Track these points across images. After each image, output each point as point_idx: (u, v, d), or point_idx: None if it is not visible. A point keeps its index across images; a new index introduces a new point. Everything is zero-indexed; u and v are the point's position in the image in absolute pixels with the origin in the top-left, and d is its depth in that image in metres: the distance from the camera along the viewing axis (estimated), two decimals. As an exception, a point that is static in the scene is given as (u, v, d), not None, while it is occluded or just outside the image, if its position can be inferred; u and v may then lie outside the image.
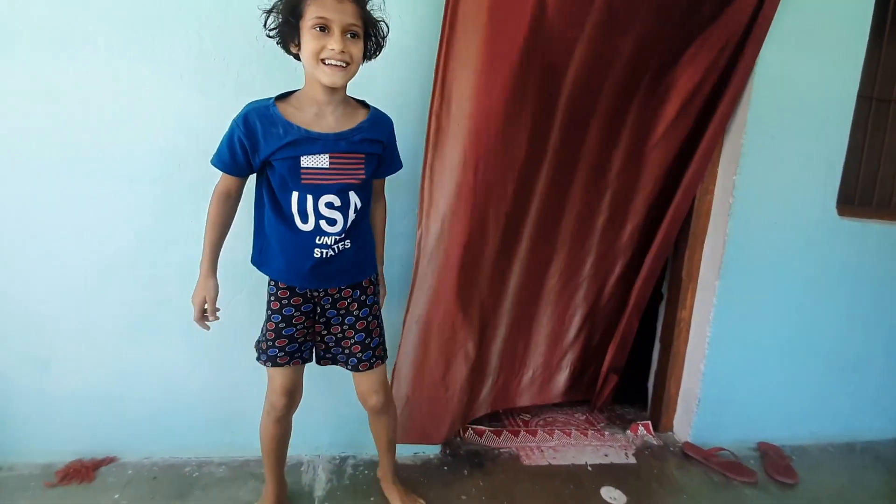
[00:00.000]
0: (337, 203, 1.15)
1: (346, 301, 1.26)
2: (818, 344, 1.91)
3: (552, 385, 1.98)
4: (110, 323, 1.50)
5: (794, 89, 1.69)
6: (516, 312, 1.81)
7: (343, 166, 1.14)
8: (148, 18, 1.36)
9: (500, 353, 1.82)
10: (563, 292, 1.87)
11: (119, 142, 1.41)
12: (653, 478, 1.71)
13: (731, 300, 1.80)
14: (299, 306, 1.23)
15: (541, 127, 1.57)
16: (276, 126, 1.10)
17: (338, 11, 1.04)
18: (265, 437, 1.33)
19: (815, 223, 1.81)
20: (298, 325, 1.24)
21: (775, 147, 1.72)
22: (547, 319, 1.89)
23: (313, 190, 1.13)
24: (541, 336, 1.90)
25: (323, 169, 1.12)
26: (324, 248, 1.17)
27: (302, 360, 1.28)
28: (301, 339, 1.25)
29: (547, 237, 1.77)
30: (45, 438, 1.52)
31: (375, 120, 1.20)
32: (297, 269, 1.18)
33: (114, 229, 1.45)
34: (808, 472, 1.80)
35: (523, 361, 1.91)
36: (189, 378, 1.56)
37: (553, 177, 1.68)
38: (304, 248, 1.16)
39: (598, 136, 1.69)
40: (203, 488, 1.49)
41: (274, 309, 1.23)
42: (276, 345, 1.23)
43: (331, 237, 1.16)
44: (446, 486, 1.59)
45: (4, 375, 1.49)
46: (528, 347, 1.90)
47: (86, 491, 1.44)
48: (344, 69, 1.08)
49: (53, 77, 1.35)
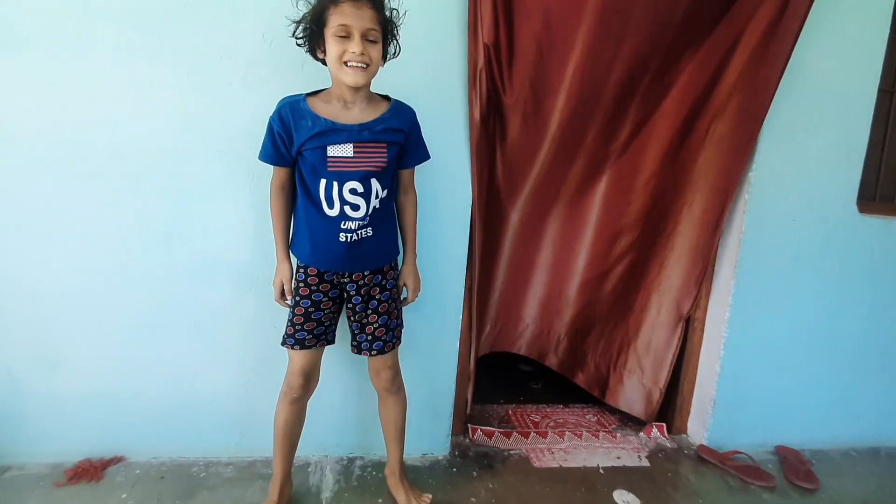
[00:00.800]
0: (360, 189, 1.23)
1: (368, 286, 1.32)
2: (840, 344, 1.86)
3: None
4: (118, 324, 1.50)
5: (813, 83, 1.65)
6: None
7: (366, 154, 1.23)
8: (156, 19, 1.36)
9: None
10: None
11: (128, 141, 1.41)
12: (667, 481, 1.67)
13: (747, 299, 1.75)
14: (327, 292, 1.31)
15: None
16: (306, 118, 1.20)
17: (357, 18, 1.13)
18: (279, 420, 1.37)
19: (835, 220, 1.76)
20: (326, 309, 1.32)
21: (793, 142, 1.68)
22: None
23: (339, 176, 1.21)
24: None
25: (348, 157, 1.21)
26: (348, 233, 1.25)
27: (327, 341, 1.36)
28: (328, 322, 1.34)
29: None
30: (55, 438, 1.53)
31: (397, 110, 1.28)
32: (324, 252, 1.27)
33: (122, 229, 1.45)
34: (830, 477, 1.74)
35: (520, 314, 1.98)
36: (196, 379, 1.56)
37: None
38: (330, 233, 1.25)
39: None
40: (210, 488, 1.48)
41: (303, 295, 1.30)
42: (305, 328, 1.31)
43: (354, 222, 1.25)
44: (455, 487, 1.56)
45: (15, 376, 1.49)
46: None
47: (94, 490, 1.44)
48: (364, 70, 1.17)
49: (64, 78, 1.36)
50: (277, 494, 1.38)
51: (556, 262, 1.93)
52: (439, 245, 1.57)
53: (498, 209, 1.79)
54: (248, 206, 1.45)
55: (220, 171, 1.45)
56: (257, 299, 1.50)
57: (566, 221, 1.89)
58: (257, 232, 1.46)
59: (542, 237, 1.91)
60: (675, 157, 1.73)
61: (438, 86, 1.49)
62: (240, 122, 1.41)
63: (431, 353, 1.64)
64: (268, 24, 1.39)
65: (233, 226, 1.48)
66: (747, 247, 1.71)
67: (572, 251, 1.91)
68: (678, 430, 1.93)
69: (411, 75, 1.43)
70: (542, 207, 1.85)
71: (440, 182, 1.52)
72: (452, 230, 1.58)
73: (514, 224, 1.85)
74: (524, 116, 1.57)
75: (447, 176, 1.54)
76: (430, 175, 1.48)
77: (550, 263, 1.94)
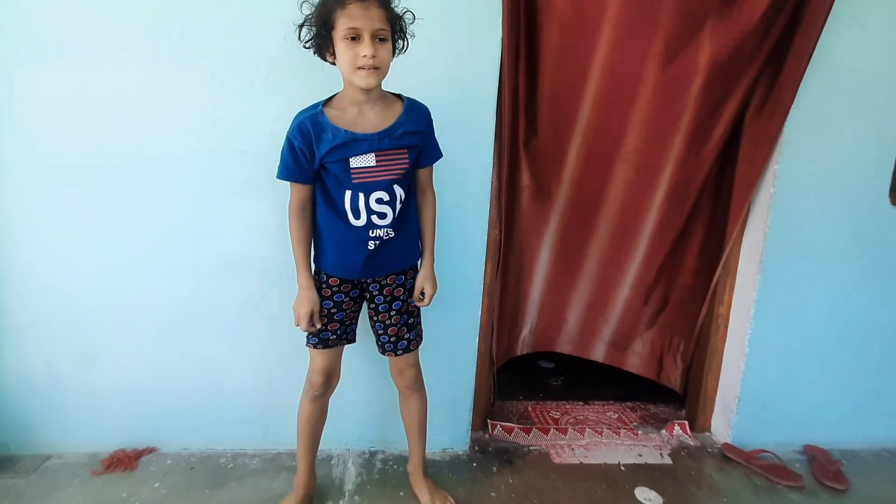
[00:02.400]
0: (386, 198, 1.23)
1: (391, 287, 1.33)
2: (871, 341, 1.80)
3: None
4: (149, 320, 1.56)
5: (842, 71, 1.59)
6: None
7: (388, 161, 1.22)
8: (181, 25, 1.40)
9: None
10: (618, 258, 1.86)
11: (156, 144, 1.46)
12: (690, 479, 1.65)
13: (772, 295, 1.71)
14: (349, 292, 1.32)
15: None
16: (326, 131, 1.18)
17: (366, 19, 1.10)
18: (302, 416, 1.39)
19: (866, 213, 1.70)
20: (348, 309, 1.34)
21: (821, 132, 1.63)
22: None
23: (364, 188, 1.21)
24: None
25: (371, 167, 1.20)
26: (375, 241, 1.25)
27: (348, 340, 1.38)
28: (349, 322, 1.36)
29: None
30: (91, 429, 1.60)
31: (411, 111, 1.25)
32: (351, 261, 1.27)
33: (151, 229, 1.51)
34: (860, 478, 1.69)
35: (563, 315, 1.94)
36: (224, 373, 1.61)
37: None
38: (357, 242, 1.24)
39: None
40: (238, 479, 1.53)
41: (325, 296, 1.31)
42: (328, 328, 1.32)
43: (382, 229, 1.25)
44: (475, 482, 1.58)
45: (55, 370, 1.57)
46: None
47: (128, 479, 1.51)
48: (377, 71, 1.15)
49: (96, 85, 1.41)
50: (303, 489, 1.42)
51: (603, 270, 1.87)
52: (458, 242, 1.57)
53: (535, 213, 1.77)
54: (271, 204, 1.48)
55: (244, 170, 1.49)
56: (281, 296, 1.54)
57: (615, 230, 1.81)
58: (280, 230, 1.49)
59: (588, 243, 1.84)
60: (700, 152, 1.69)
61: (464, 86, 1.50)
62: (263, 122, 1.45)
63: (452, 349, 1.65)
64: (289, 27, 1.39)
65: (256, 224, 1.51)
66: (773, 241, 1.67)
67: (621, 260, 1.86)
68: (702, 427, 1.90)
69: (435, 73, 1.45)
70: (585, 213, 1.78)
71: (458, 182, 1.53)
72: (472, 227, 1.58)
73: (552, 228, 1.80)
74: (550, 112, 1.57)
75: (466, 176, 1.55)
76: (450, 174, 1.48)
77: (596, 270, 1.87)
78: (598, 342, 1.98)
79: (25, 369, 1.55)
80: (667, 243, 1.80)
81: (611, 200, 1.76)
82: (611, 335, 1.96)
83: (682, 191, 1.72)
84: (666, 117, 1.62)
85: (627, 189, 1.74)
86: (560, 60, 1.55)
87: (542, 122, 1.63)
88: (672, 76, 1.56)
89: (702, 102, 1.59)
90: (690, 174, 1.70)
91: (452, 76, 1.48)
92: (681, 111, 1.61)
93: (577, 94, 1.61)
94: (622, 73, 1.56)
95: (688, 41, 1.53)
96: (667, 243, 1.80)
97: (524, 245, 1.80)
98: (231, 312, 1.57)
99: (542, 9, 1.50)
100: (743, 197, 1.68)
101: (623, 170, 1.72)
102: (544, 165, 1.69)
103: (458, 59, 1.48)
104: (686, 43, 1.53)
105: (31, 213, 1.47)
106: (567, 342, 1.99)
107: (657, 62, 1.55)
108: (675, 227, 1.78)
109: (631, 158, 1.70)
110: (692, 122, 1.62)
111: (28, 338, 1.54)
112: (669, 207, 1.74)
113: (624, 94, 1.60)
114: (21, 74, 1.40)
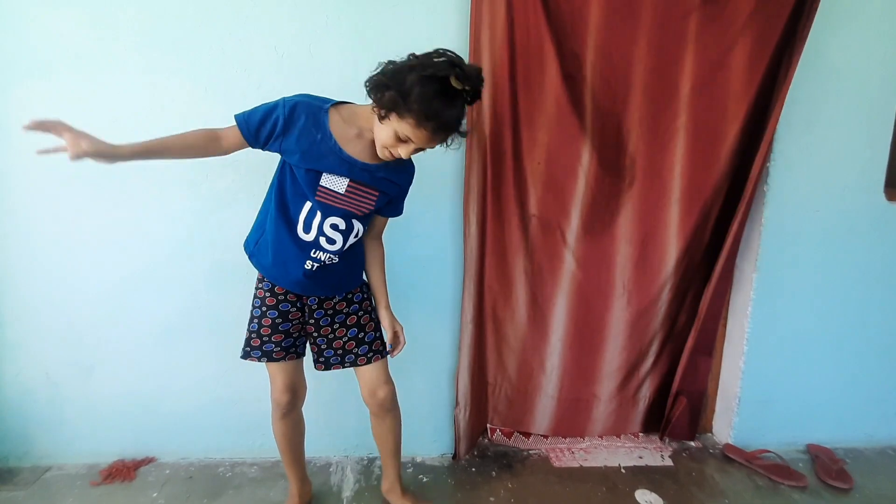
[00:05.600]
0: (342, 226, 1.18)
1: (332, 301, 1.28)
2: (870, 338, 1.79)
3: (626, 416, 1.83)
4: (147, 330, 1.57)
5: (832, 72, 1.60)
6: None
7: (357, 195, 1.17)
8: (175, 37, 1.43)
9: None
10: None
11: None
12: (691, 480, 1.64)
13: (769, 293, 1.70)
14: (295, 302, 1.26)
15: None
16: (318, 130, 1.12)
17: (426, 141, 1.07)
18: (277, 435, 1.36)
19: (861, 209, 1.70)
20: (294, 320, 1.27)
21: (812, 131, 1.63)
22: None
23: (325, 208, 1.16)
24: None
25: (338, 193, 1.15)
26: (316, 262, 1.19)
27: (297, 354, 1.30)
28: (296, 334, 1.28)
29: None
30: (90, 440, 1.60)
31: (402, 163, 1.20)
32: (285, 273, 1.21)
33: (148, 239, 1.52)
34: (864, 476, 1.67)
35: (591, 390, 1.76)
36: (221, 382, 1.61)
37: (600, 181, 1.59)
38: (297, 256, 1.18)
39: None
40: (236, 488, 1.53)
41: (270, 305, 1.25)
42: (272, 340, 1.25)
43: (326, 254, 1.19)
44: (474, 487, 1.57)
45: (53, 380, 1.58)
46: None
47: (127, 489, 1.51)
48: (396, 159, 1.13)
49: (96, 96, 1.44)
50: (298, 497, 1.41)
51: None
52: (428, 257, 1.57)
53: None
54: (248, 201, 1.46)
55: (239, 179, 1.50)
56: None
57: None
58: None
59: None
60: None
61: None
62: (255, 132, 1.46)
63: (453, 353, 1.65)
64: (279, 38, 1.44)
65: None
66: (768, 239, 1.67)
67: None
68: (703, 429, 1.89)
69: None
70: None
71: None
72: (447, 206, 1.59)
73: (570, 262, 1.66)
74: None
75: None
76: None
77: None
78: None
79: (24, 381, 1.56)
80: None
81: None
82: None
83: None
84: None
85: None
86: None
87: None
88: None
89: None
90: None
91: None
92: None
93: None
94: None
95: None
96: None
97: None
98: (227, 321, 1.57)
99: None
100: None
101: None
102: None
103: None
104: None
105: (29, 226, 1.49)
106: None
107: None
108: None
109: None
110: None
111: (27, 349, 1.55)
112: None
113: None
114: (22, 85, 1.42)
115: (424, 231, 1.57)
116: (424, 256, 1.59)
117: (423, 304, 1.61)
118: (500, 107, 1.49)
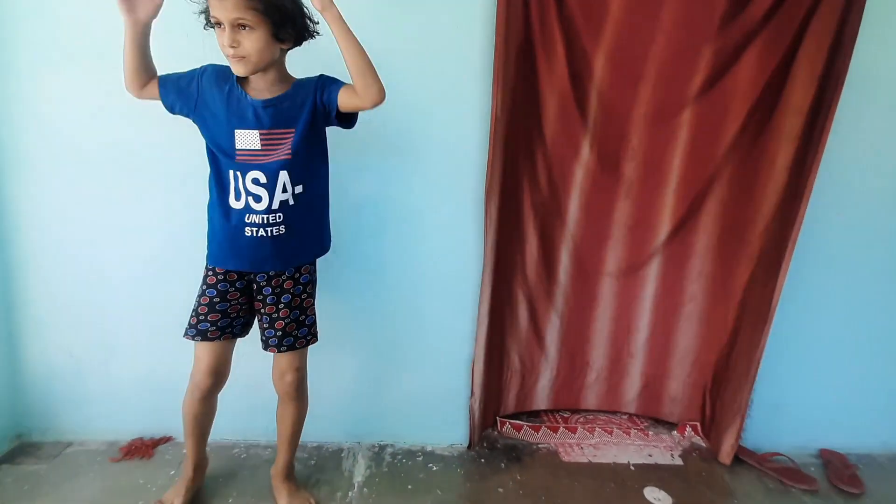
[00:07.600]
0: (263, 180, 1.18)
1: (280, 279, 1.28)
2: (889, 344, 1.76)
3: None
4: (166, 312, 1.58)
5: (880, 77, 1.54)
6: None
7: (273, 144, 1.18)
8: (190, 29, 1.42)
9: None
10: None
11: (172, 142, 1.48)
12: (701, 480, 1.64)
13: (786, 296, 1.67)
14: (234, 282, 1.27)
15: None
16: (226, 82, 1.18)
17: (221, 9, 1.07)
18: (187, 414, 1.33)
19: (884, 215, 1.65)
20: (233, 300, 1.27)
21: (857, 138, 1.58)
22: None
23: (243, 167, 1.17)
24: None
25: (255, 150, 1.17)
26: (253, 227, 1.20)
27: (233, 334, 1.31)
28: (234, 314, 1.29)
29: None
30: (111, 418, 1.65)
31: (300, 83, 1.20)
32: (231, 249, 1.23)
33: (169, 223, 1.54)
34: (877, 482, 1.66)
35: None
36: (236, 365, 1.62)
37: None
38: (236, 227, 1.20)
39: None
40: (251, 468, 1.56)
41: (210, 284, 1.27)
42: (208, 319, 1.26)
43: (259, 216, 1.19)
44: (483, 478, 1.58)
45: (77, 360, 1.62)
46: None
47: (146, 466, 1.55)
48: (242, 60, 1.11)
49: (116, 87, 1.45)
50: (192, 472, 1.40)
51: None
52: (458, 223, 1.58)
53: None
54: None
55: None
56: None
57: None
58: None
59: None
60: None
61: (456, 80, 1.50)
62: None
63: (462, 341, 1.66)
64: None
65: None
66: (799, 245, 1.63)
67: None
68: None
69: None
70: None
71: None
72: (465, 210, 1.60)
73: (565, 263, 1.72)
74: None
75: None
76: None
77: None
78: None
79: (49, 359, 1.61)
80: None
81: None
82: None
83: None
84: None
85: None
86: None
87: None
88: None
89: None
90: None
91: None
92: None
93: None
94: None
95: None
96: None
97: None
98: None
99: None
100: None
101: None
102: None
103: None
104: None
105: (58, 211, 1.53)
106: None
107: None
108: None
109: None
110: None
111: (52, 329, 1.60)
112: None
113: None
114: (37, 76, 1.44)
115: (445, 223, 1.58)
116: (443, 248, 1.60)
117: (442, 298, 1.62)
118: (519, 98, 1.50)
